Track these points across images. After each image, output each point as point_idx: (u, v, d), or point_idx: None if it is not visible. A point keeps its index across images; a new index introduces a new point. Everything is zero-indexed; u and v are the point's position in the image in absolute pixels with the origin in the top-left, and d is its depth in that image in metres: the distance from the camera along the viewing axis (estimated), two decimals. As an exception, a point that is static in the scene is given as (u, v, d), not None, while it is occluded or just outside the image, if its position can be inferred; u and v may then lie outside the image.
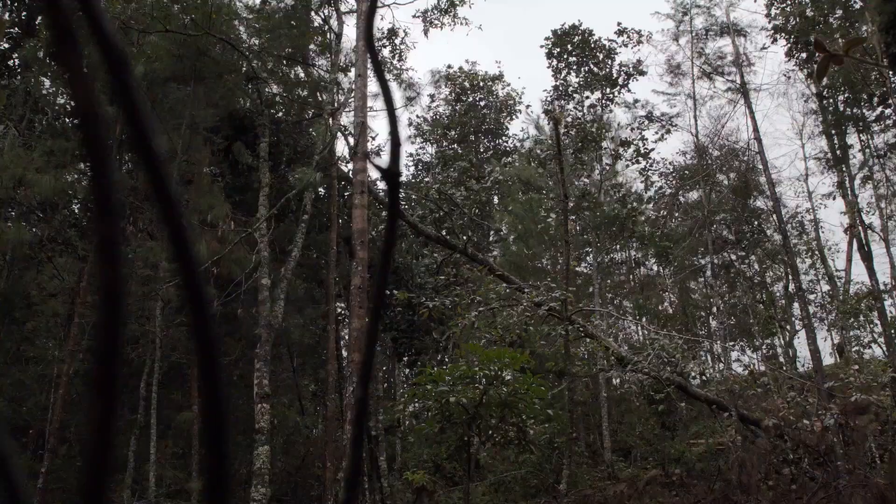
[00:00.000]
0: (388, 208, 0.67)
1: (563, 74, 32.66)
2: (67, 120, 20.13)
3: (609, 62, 32.35)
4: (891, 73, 20.19)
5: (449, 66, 42.17)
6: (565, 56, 32.62)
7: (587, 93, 32.39)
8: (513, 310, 15.62)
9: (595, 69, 32.28)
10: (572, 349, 16.42)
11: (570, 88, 32.69)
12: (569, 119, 29.99)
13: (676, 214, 33.96)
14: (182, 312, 16.74)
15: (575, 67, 32.51)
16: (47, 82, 20.70)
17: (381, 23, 27.55)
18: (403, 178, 39.23)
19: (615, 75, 32.25)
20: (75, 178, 19.67)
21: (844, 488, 15.38)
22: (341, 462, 14.87)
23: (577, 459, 22.77)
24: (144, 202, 18.33)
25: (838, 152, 27.69)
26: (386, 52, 27.16)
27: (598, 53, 32.26)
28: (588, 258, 32.73)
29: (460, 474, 17.23)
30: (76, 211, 20.52)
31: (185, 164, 19.00)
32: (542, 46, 33.03)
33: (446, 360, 23.21)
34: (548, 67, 33.15)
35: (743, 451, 19.19)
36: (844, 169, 27.50)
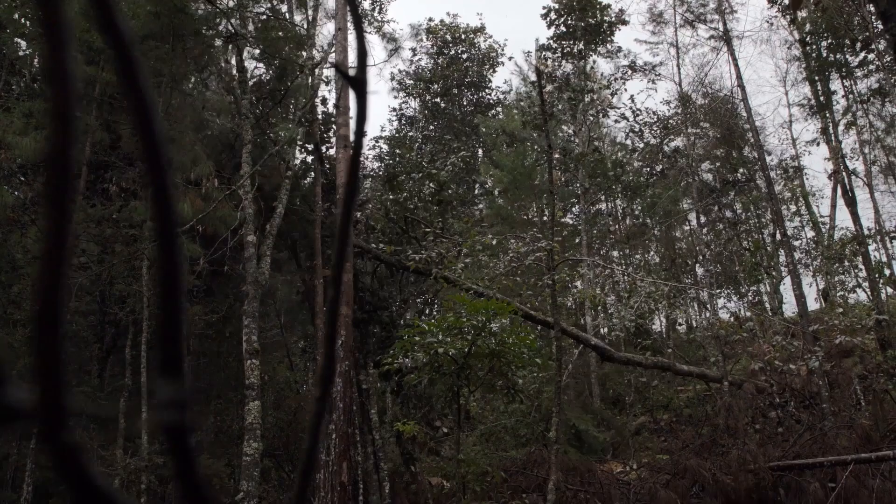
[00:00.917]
0: (356, 120, 0.67)
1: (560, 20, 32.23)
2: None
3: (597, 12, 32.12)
4: (873, 17, 20.14)
5: (430, 20, 41.89)
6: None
7: (575, 42, 32.18)
8: (499, 260, 15.67)
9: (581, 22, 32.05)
10: (559, 299, 16.48)
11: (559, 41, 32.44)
12: (550, 69, 29.83)
13: (660, 165, 33.96)
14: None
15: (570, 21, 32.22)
16: (23, 43, 20.42)
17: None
18: (386, 133, 38.87)
19: (601, 24, 32.05)
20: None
21: (830, 430, 15.59)
22: (331, 415, 14.96)
23: (566, 408, 22.96)
24: (127, 161, 18.21)
25: (822, 98, 27.67)
26: (366, 3, 26.89)
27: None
28: (574, 209, 32.77)
29: (451, 425, 17.35)
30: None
31: (167, 123, 18.84)
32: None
33: (434, 314, 23.29)
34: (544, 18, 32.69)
35: (730, 397, 19.42)
36: (828, 115, 27.49)
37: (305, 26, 22.34)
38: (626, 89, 31.91)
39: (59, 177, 0.46)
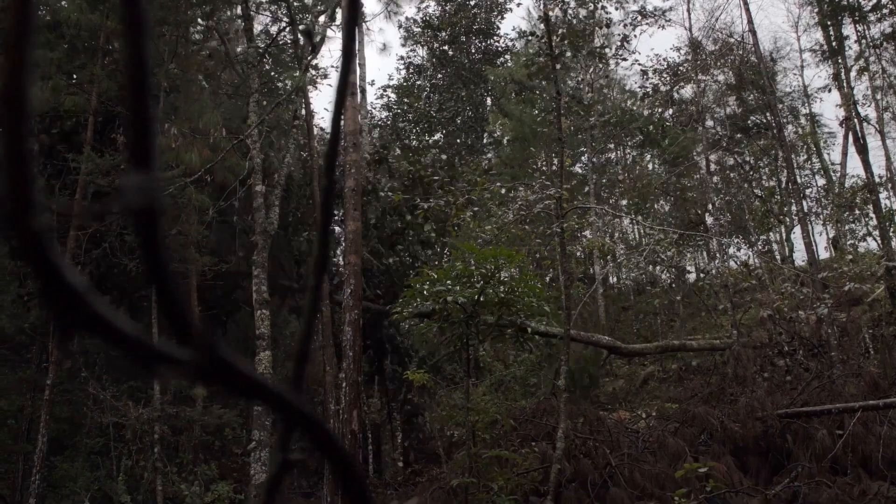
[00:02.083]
0: (342, 49, 0.66)
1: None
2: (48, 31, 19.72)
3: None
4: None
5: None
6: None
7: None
8: (508, 208, 15.60)
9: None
10: (568, 248, 16.46)
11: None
12: (559, 13, 29.43)
13: (671, 111, 33.71)
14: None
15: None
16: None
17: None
18: (394, 81, 38.64)
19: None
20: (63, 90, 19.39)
21: (838, 378, 15.61)
22: (341, 364, 15.04)
23: (575, 357, 23.05)
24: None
25: (834, 44, 27.30)
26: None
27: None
28: (583, 158, 32.61)
29: (461, 375, 17.45)
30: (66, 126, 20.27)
31: (173, 71, 18.70)
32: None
33: (444, 263, 23.32)
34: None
35: (739, 346, 19.44)
36: (840, 61, 27.15)
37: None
38: (635, 35, 31.48)
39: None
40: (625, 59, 31.00)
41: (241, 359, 0.51)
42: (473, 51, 39.93)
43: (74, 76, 18.49)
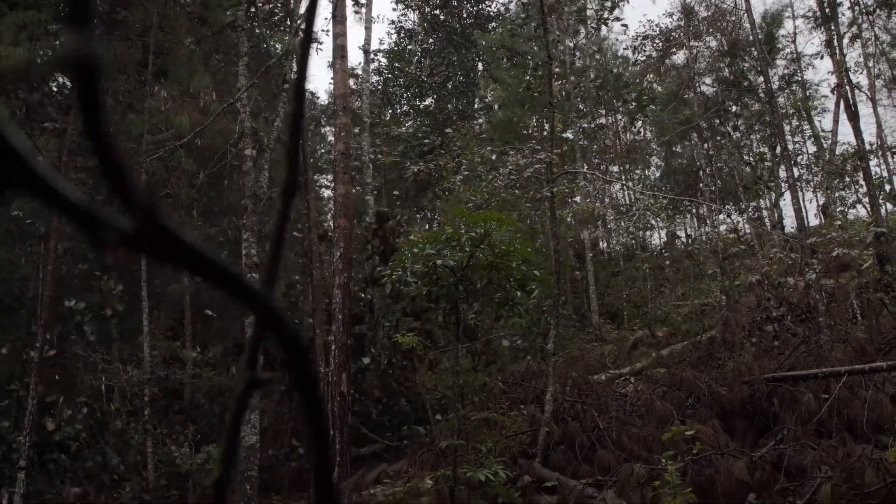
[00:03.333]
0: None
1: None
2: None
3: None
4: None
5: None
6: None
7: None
8: (498, 173, 15.58)
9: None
10: (558, 212, 16.46)
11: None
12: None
13: (661, 78, 33.62)
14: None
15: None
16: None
17: None
18: (385, 46, 38.21)
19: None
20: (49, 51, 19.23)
21: (825, 343, 15.72)
22: (330, 326, 15.07)
23: (564, 322, 23.15)
24: (122, 72, 17.98)
25: (827, 10, 27.19)
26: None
27: None
28: (575, 125, 32.54)
29: (450, 339, 17.50)
30: (54, 87, 20.13)
31: (162, 34, 18.54)
32: None
33: (435, 228, 23.30)
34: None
35: (727, 311, 19.54)
36: (833, 27, 27.05)
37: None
38: (627, 1, 31.31)
39: None
40: (616, 20, 30.90)
41: (187, 230, 0.50)
42: (465, 15, 39.61)
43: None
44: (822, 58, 29.79)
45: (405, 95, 38.04)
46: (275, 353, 0.61)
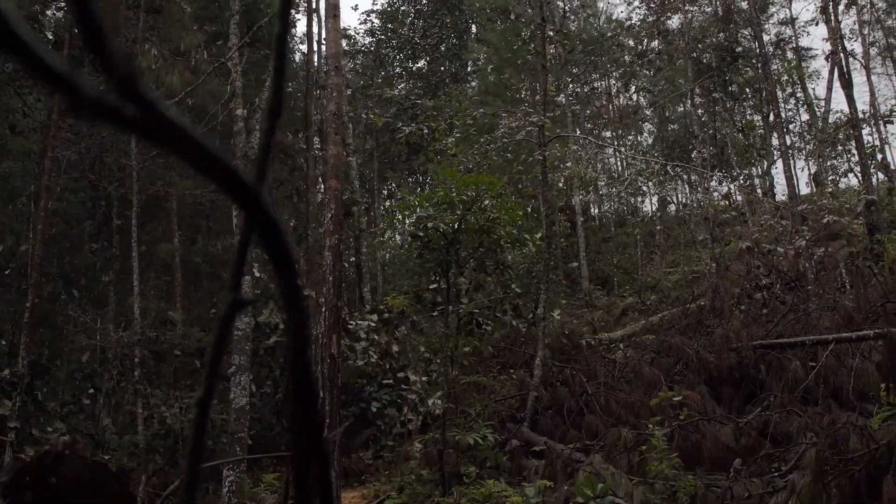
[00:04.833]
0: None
1: None
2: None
3: None
4: None
5: None
6: None
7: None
8: (490, 136, 15.50)
9: None
10: (550, 176, 16.42)
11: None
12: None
13: (657, 42, 33.41)
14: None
15: None
16: None
17: None
18: (378, 7, 37.97)
19: None
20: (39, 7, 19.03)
21: (813, 311, 15.77)
22: (322, 289, 15.05)
23: (554, 288, 23.17)
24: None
25: (823, -25, 27.00)
26: None
27: None
28: (568, 88, 32.37)
29: (441, 301, 17.51)
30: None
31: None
32: None
33: (426, 190, 23.24)
34: None
35: (717, 278, 19.60)
36: (829, -7, 26.87)
37: None
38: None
39: None
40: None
41: (170, 106, 0.47)
42: (459, -25, 39.24)
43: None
44: (816, 24, 29.65)
45: (398, 57, 37.76)
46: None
